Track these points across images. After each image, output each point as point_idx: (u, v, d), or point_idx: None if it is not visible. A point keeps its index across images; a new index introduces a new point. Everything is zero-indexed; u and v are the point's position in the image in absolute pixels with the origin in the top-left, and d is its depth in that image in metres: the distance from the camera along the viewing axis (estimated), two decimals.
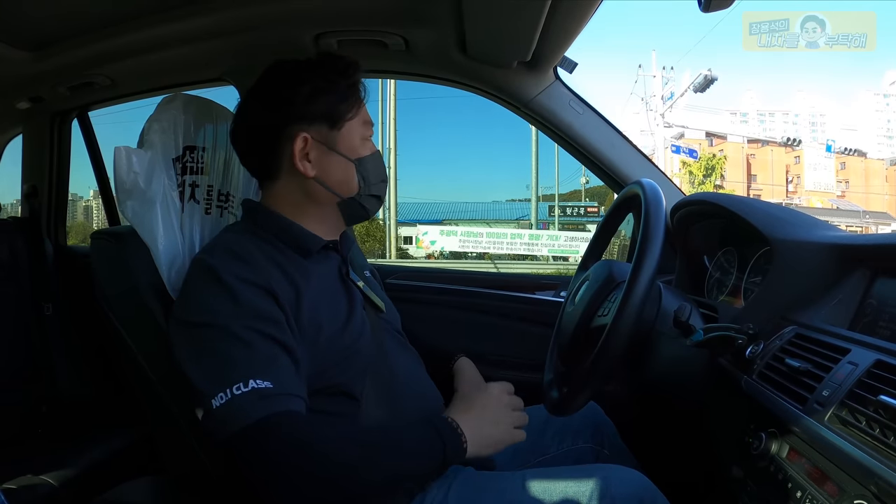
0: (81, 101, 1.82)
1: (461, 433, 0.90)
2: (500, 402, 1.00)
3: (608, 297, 1.04)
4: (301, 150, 1.00)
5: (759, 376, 0.82)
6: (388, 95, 17.31)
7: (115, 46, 1.40)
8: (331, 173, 1.02)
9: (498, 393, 1.02)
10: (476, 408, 0.98)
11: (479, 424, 0.94)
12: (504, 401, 1.00)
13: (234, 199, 1.27)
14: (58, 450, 1.45)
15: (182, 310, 0.93)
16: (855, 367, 0.68)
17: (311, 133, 1.00)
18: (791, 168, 41.30)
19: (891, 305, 0.79)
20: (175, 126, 1.16)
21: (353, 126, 1.03)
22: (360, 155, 1.03)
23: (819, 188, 38.77)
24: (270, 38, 1.37)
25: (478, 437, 0.92)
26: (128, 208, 1.11)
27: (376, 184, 1.06)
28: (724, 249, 1.26)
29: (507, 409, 1.00)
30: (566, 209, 23.01)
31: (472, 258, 16.91)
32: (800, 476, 0.69)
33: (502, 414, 0.98)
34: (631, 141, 1.54)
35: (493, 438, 0.95)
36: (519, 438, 0.99)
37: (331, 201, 1.03)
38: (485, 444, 0.93)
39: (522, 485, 0.96)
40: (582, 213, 22.49)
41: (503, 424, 0.97)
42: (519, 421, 1.00)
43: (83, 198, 34.37)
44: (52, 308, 1.78)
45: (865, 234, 1.30)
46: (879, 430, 0.60)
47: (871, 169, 41.89)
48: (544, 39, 1.23)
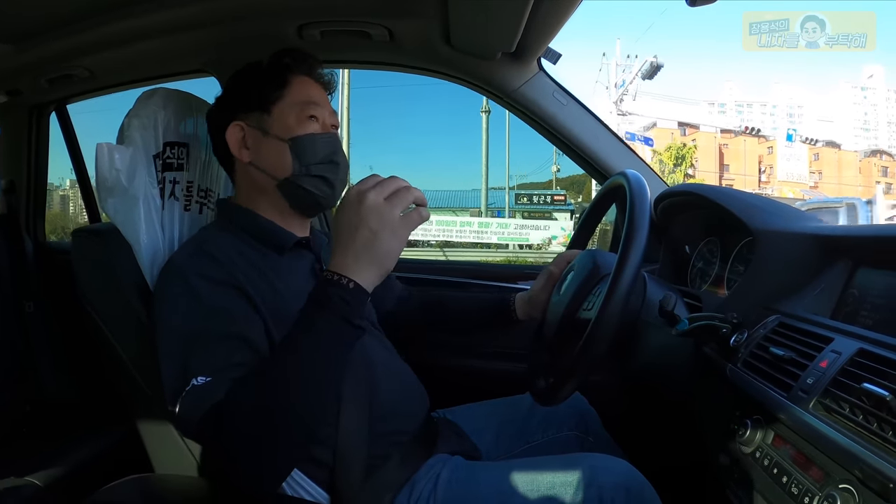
0: (60, 94, 1.79)
1: (337, 276, 0.76)
2: (362, 205, 0.77)
3: (593, 290, 1.04)
4: (239, 140, 1.03)
5: (743, 364, 0.83)
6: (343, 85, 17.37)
7: (94, 38, 1.38)
8: (264, 156, 1.03)
9: (355, 195, 0.78)
10: (348, 233, 0.77)
11: (361, 250, 0.77)
12: (381, 200, 0.77)
13: (215, 194, 1.27)
14: (43, 450, 1.43)
15: (154, 311, 0.93)
16: (838, 356, 0.69)
17: (247, 121, 1.03)
18: (764, 158, 41.88)
19: (872, 295, 0.80)
20: (155, 122, 1.14)
21: (284, 107, 1.03)
22: (294, 134, 1.01)
23: (792, 179, 39.28)
24: (252, 29, 1.35)
25: (363, 262, 0.77)
26: (109, 206, 1.09)
27: (316, 164, 1.02)
28: (706, 239, 1.27)
29: (387, 207, 0.77)
30: (533, 197, 23.38)
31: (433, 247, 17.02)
32: (785, 462, 0.70)
33: (386, 216, 0.77)
34: (614, 132, 1.55)
35: (382, 249, 0.77)
36: (426, 216, 0.80)
37: (270, 185, 1.03)
38: (377, 262, 0.77)
39: (510, 475, 0.97)
40: (549, 202, 22.84)
41: (392, 224, 0.77)
42: (402, 201, 0.79)
43: (59, 187, 33.79)
44: (34, 306, 1.75)
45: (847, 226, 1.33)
46: (863, 417, 0.61)
47: (845, 160, 42.69)
48: (529, 30, 1.23)
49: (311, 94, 1.06)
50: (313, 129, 1.03)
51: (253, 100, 1.04)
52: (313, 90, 1.07)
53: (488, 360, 1.60)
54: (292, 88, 1.04)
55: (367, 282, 0.77)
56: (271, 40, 1.31)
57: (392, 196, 0.78)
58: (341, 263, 0.77)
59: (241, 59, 1.11)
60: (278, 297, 0.94)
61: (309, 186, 1.03)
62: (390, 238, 0.77)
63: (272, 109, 1.03)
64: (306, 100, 1.04)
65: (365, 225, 0.76)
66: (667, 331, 0.92)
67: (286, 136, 1.01)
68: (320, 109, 1.05)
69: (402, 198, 0.79)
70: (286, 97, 1.03)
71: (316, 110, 1.04)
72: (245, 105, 1.05)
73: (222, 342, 0.84)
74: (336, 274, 0.77)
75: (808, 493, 0.64)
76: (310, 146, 1.02)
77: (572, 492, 0.92)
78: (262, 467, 0.76)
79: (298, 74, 1.07)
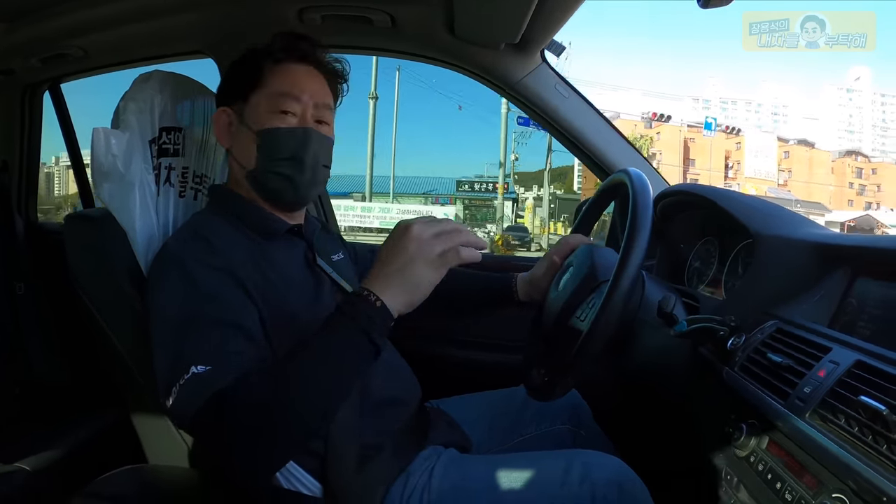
0: (53, 73, 1.76)
1: (368, 294, 0.77)
2: (406, 235, 0.79)
3: (587, 299, 1.03)
4: (225, 126, 1.04)
5: (740, 369, 0.83)
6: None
7: (89, 17, 1.36)
8: (238, 145, 1.03)
9: (404, 225, 0.81)
10: (387, 257, 0.80)
11: (394, 274, 0.78)
12: (426, 235, 0.79)
13: (210, 180, 1.25)
14: (34, 435, 1.42)
15: (147, 298, 0.92)
16: (836, 366, 0.69)
17: (232, 108, 1.04)
18: (732, 154, 41.68)
19: (870, 306, 0.80)
20: (152, 106, 1.12)
21: (260, 96, 1.01)
22: (262, 126, 1.00)
23: (760, 176, 39.25)
24: (251, 12, 1.33)
25: (394, 285, 0.78)
26: (104, 191, 1.07)
27: (279, 160, 1.00)
28: (704, 239, 1.27)
29: (430, 240, 0.79)
30: (474, 185, 24.43)
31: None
32: (779, 468, 0.70)
33: (425, 247, 0.79)
34: (616, 127, 1.54)
35: (415, 277, 0.78)
36: (469, 257, 0.81)
37: (241, 175, 1.04)
38: (408, 288, 0.78)
39: (504, 470, 0.97)
40: (491, 189, 23.18)
41: (430, 256, 0.78)
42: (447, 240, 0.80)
43: (45, 164, 33.23)
44: (25, 287, 1.74)
45: (848, 234, 1.34)
46: (858, 429, 0.61)
47: (816, 159, 42.53)
48: (534, 21, 1.22)
49: (294, 85, 1.01)
50: (287, 122, 1.00)
51: (236, 87, 1.04)
52: (301, 80, 1.03)
53: (482, 351, 1.61)
54: (272, 78, 1.01)
55: (394, 304, 0.78)
56: (271, 23, 1.29)
57: (439, 233, 0.80)
58: (374, 282, 0.79)
59: (239, 42, 1.10)
60: (269, 286, 0.93)
61: (269, 183, 1.02)
62: (425, 268, 0.78)
63: (249, 98, 1.02)
64: (283, 91, 1.00)
65: (404, 251, 0.78)
66: (664, 331, 0.92)
67: (255, 128, 1.00)
68: (296, 104, 1.01)
69: (449, 237, 0.80)
70: (264, 87, 1.01)
71: (290, 104, 1.00)
72: (230, 90, 1.05)
73: (217, 329, 0.82)
74: (366, 290, 0.78)
75: (801, 501, 0.65)
76: (274, 141, 0.99)
77: (565, 488, 0.92)
78: (257, 461, 0.76)
79: (284, 63, 1.03)
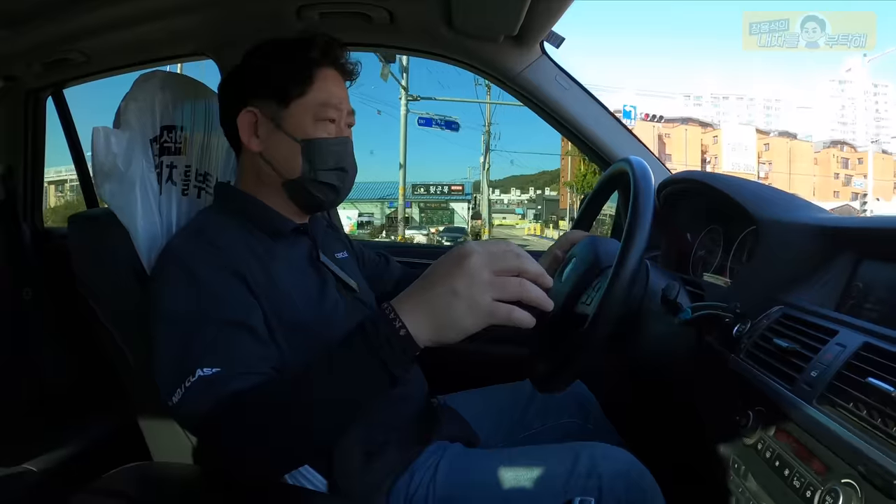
0: (56, 79, 1.76)
1: (395, 318, 0.68)
2: (461, 264, 0.68)
3: (592, 283, 1.02)
4: (250, 126, 0.99)
5: (746, 355, 0.82)
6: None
7: (90, 21, 1.35)
8: (275, 151, 0.99)
9: (463, 251, 0.69)
10: (431, 281, 0.70)
11: (429, 302, 0.68)
12: (483, 275, 0.67)
13: (213, 178, 1.24)
14: (41, 437, 1.43)
15: (152, 297, 0.90)
16: (843, 349, 0.68)
17: (260, 109, 0.99)
18: (710, 148, 41.18)
19: (876, 288, 0.79)
20: (153, 105, 1.12)
21: (303, 105, 0.98)
22: (308, 136, 0.98)
23: (739, 169, 38.52)
24: (251, 11, 1.33)
25: (424, 314, 0.68)
26: (106, 191, 1.08)
27: (325, 170, 0.99)
28: (708, 227, 1.26)
29: (485, 283, 0.67)
30: (430, 188, 24.74)
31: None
32: (787, 454, 0.70)
33: (475, 290, 0.67)
34: (617, 118, 1.53)
35: (451, 315, 0.67)
36: (519, 321, 0.68)
37: (276, 182, 1.01)
38: (439, 323, 0.68)
39: (509, 463, 0.96)
40: (446, 192, 23.27)
41: (477, 302, 0.67)
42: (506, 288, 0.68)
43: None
44: (32, 293, 1.75)
45: (852, 217, 1.32)
46: (867, 412, 0.60)
47: (798, 150, 41.90)
48: (532, 13, 1.21)
49: (333, 94, 1.01)
50: (328, 131, 0.99)
51: (271, 88, 0.99)
52: (336, 87, 1.02)
53: (488, 344, 1.60)
54: (316, 86, 0.99)
55: (418, 334, 0.68)
56: (270, 21, 1.29)
57: (501, 272, 0.69)
58: (404, 303, 0.69)
59: (239, 42, 1.09)
60: (273, 284, 0.92)
61: (314, 191, 1.01)
62: (466, 313, 0.67)
63: (291, 105, 0.98)
64: (327, 101, 0.99)
65: (450, 283, 0.67)
66: (669, 319, 0.91)
67: (299, 137, 0.98)
68: (338, 112, 1.01)
69: (508, 286, 0.68)
70: (308, 94, 0.98)
71: (334, 113, 1.00)
72: (262, 90, 0.99)
73: (222, 329, 0.82)
74: (393, 311, 0.69)
75: (809, 487, 0.64)
76: (322, 152, 0.99)
77: (573, 480, 0.92)
78: (267, 465, 0.75)
79: (324, 68, 1.01)
